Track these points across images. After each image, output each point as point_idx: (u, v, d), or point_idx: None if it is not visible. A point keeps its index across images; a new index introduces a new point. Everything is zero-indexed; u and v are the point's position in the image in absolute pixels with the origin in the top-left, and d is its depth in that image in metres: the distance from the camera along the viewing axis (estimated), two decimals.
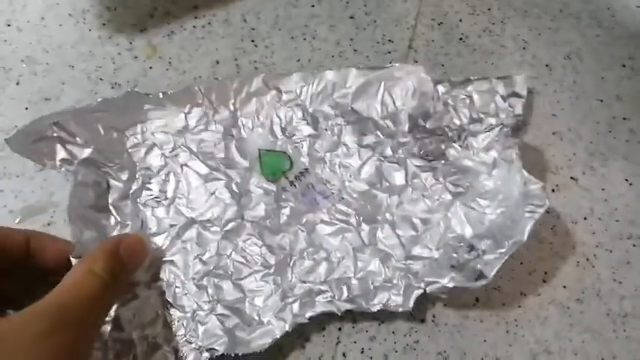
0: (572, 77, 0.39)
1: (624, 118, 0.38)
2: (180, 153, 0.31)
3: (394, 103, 0.32)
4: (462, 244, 0.29)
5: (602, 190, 0.35)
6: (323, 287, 0.28)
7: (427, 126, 0.32)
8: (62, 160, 0.30)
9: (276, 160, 0.32)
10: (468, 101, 0.32)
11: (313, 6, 0.40)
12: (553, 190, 0.34)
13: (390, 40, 0.39)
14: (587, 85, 0.39)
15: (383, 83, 0.33)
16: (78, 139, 0.30)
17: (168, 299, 0.28)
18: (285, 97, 0.33)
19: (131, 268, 0.26)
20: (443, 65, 0.38)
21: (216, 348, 0.26)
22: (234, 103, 0.32)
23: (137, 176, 0.30)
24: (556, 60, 0.39)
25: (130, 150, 0.31)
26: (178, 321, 0.27)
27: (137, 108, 0.32)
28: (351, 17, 0.40)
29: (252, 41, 0.38)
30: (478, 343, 0.30)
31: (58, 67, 0.36)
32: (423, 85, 0.32)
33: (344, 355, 0.29)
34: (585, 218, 0.34)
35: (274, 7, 0.40)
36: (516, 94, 0.33)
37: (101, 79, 0.36)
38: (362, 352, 0.29)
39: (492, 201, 0.30)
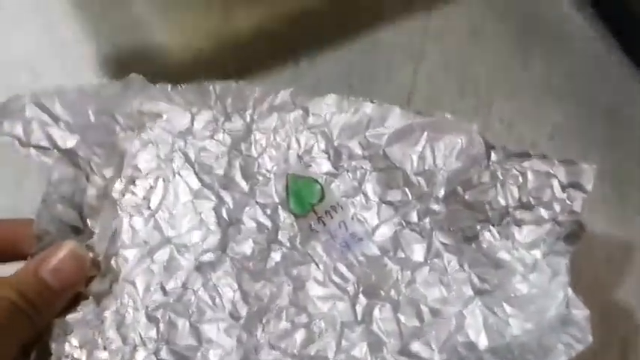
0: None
1: None
2: (175, 158, 0.27)
3: (434, 159, 0.28)
4: (471, 355, 0.25)
5: None
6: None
7: (466, 197, 0.27)
8: (38, 147, 0.26)
9: (305, 190, 0.27)
10: (520, 179, 0.27)
11: None
12: None
13: None
14: None
15: (427, 133, 0.28)
16: (61, 123, 0.26)
17: (113, 323, 0.24)
18: (311, 119, 0.28)
19: (61, 292, 0.23)
20: None
21: None
22: (252, 114, 0.28)
23: (122, 175, 0.27)
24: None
25: (120, 142, 0.27)
26: (116, 351, 0.24)
27: (138, 95, 0.28)
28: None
29: None
30: None
31: None
32: (472, 147, 0.28)
33: None
34: None
35: None
36: (579, 186, 0.27)
37: None
38: None
39: (521, 311, 0.25)
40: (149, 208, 0.26)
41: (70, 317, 0.24)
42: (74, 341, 0.23)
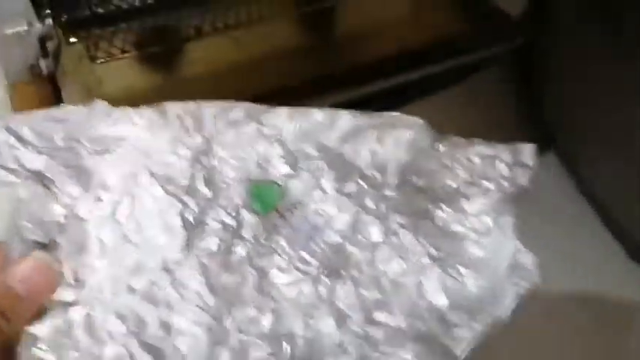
0: None
1: None
2: (140, 174, 0.29)
3: (385, 153, 0.30)
4: (433, 314, 0.26)
5: None
6: (262, 342, 0.25)
7: (418, 183, 0.29)
8: (6, 168, 0.27)
9: (267, 192, 0.29)
10: (467, 164, 0.30)
11: None
12: None
13: None
14: None
15: (375, 131, 0.30)
16: (29, 146, 0.27)
17: (81, 326, 0.25)
18: (266, 130, 0.30)
19: (29, 300, 0.23)
20: None
21: None
22: (211, 131, 0.30)
23: (89, 193, 0.28)
24: None
25: (86, 163, 0.28)
26: (86, 349, 0.24)
27: (103, 120, 0.29)
28: None
29: None
30: None
31: None
32: (420, 140, 0.30)
33: None
34: None
35: None
36: (522, 164, 0.29)
37: None
38: None
39: (476, 272, 0.27)
40: (116, 221, 0.27)
41: (39, 324, 0.24)
42: (43, 346, 0.24)
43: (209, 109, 0.30)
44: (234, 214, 0.28)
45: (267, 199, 0.28)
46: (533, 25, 0.46)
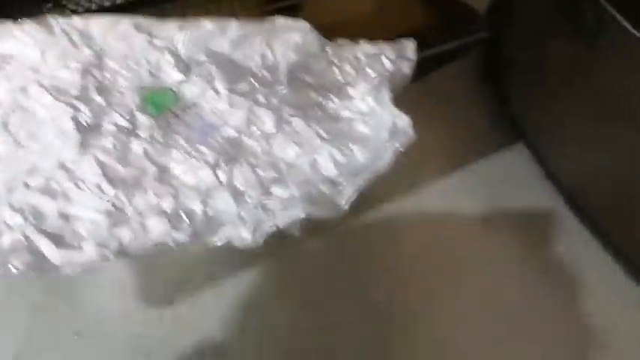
0: None
1: None
2: (29, 87, 0.29)
3: (274, 56, 0.32)
4: (325, 182, 0.29)
5: None
6: (161, 218, 0.26)
7: (308, 80, 0.32)
8: None
9: (160, 96, 0.30)
10: (354, 61, 0.33)
11: None
12: None
13: None
14: None
15: (264, 36, 0.32)
16: None
17: None
18: (156, 41, 0.31)
19: None
20: None
21: (15, 264, 0.24)
22: (101, 44, 0.31)
23: None
24: None
25: None
26: None
27: None
28: None
29: None
30: None
31: None
32: (308, 43, 0.32)
33: None
34: None
35: None
36: (406, 58, 0.33)
37: None
38: None
39: (363, 146, 0.30)
40: (8, 132, 0.28)
41: None
42: None
43: (97, 23, 0.31)
44: (128, 117, 0.29)
45: (160, 102, 0.30)
46: (499, 18, 0.47)
